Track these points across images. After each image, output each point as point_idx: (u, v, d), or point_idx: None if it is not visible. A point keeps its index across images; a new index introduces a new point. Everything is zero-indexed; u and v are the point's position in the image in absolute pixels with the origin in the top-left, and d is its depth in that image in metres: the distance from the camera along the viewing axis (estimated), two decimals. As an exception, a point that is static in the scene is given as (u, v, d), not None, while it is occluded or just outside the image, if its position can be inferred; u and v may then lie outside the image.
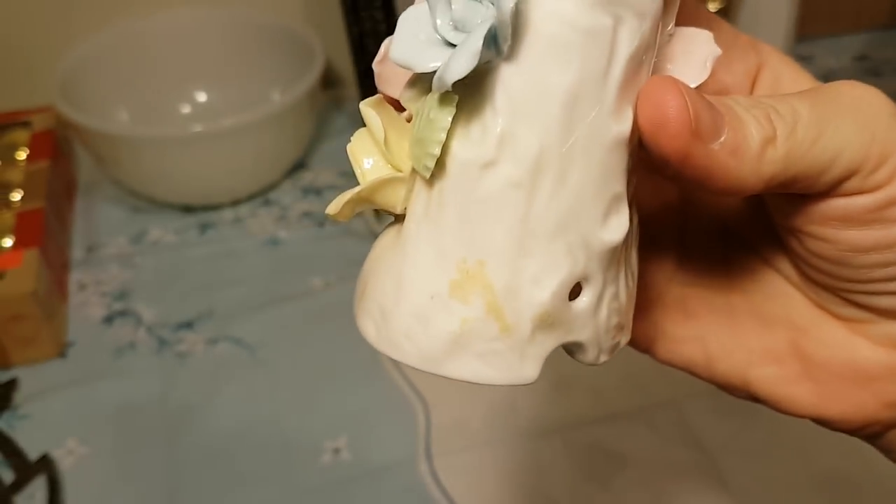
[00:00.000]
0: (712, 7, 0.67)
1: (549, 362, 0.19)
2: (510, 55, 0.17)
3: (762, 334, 0.22)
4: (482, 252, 0.18)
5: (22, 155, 0.65)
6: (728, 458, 0.46)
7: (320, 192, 0.68)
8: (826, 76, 0.78)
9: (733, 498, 0.45)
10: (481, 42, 0.16)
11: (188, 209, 0.67)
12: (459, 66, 0.16)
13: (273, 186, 0.68)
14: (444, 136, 0.17)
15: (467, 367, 0.18)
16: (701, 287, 0.23)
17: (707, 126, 0.17)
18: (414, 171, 0.19)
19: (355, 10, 0.68)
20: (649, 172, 0.20)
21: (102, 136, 0.61)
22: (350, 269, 0.60)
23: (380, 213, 0.62)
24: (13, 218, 0.58)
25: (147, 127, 0.70)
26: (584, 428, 0.49)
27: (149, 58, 0.72)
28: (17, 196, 0.61)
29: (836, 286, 0.20)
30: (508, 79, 0.17)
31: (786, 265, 0.22)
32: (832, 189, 0.18)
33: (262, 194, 0.68)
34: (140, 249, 0.63)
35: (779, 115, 0.18)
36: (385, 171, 0.19)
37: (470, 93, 0.17)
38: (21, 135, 0.67)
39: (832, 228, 0.19)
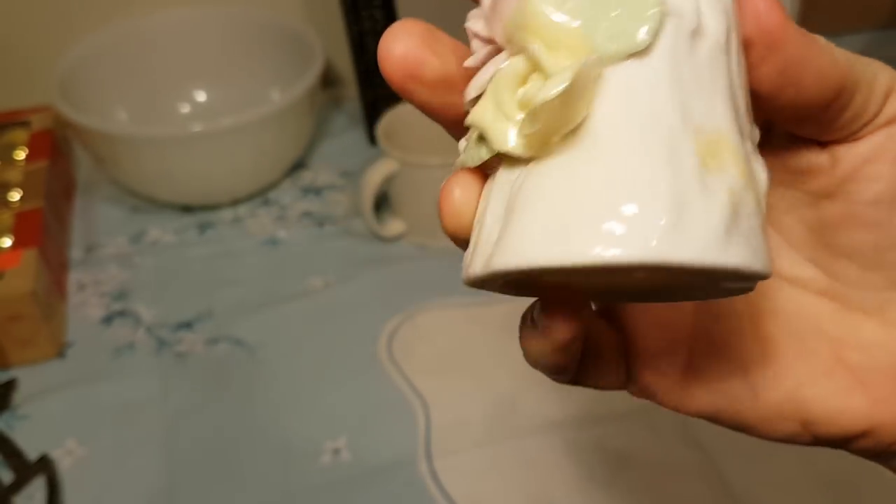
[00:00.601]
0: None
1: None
2: None
3: (802, 355, 0.22)
4: (713, 119, 0.16)
5: (21, 155, 0.65)
6: (729, 458, 0.46)
7: (320, 192, 0.68)
8: (826, 75, 0.78)
9: (734, 499, 0.45)
10: None
11: (187, 209, 0.67)
12: None
13: (272, 186, 0.68)
14: (659, 2, 0.16)
15: (744, 252, 0.16)
16: (725, 319, 0.23)
17: (788, 21, 0.18)
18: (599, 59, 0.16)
19: (355, 9, 0.68)
20: None
21: (101, 135, 0.61)
22: (350, 269, 0.60)
23: (380, 215, 0.62)
24: (12, 218, 0.58)
25: (146, 126, 0.70)
26: (585, 428, 0.48)
27: (148, 57, 0.72)
28: (15, 196, 0.61)
29: (883, 244, 0.20)
30: None
31: (810, 271, 0.22)
32: (875, 115, 0.20)
33: (261, 194, 0.68)
34: (139, 249, 0.63)
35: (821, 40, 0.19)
36: (567, 69, 0.16)
37: None
38: (20, 134, 0.67)
39: (872, 168, 0.20)
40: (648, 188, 0.15)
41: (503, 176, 0.17)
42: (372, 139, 0.71)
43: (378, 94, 0.71)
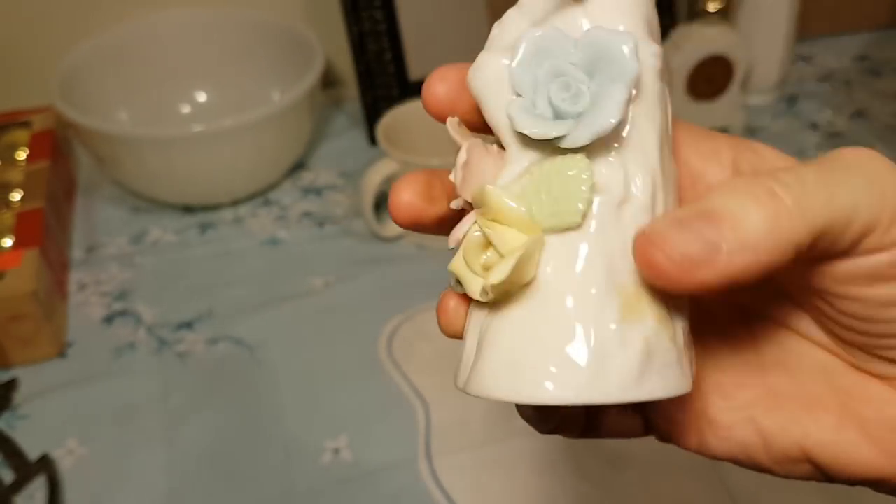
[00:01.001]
0: (713, 6, 0.67)
1: None
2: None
3: (810, 406, 0.22)
4: (634, 274, 0.20)
5: (22, 155, 0.65)
6: (728, 458, 0.47)
7: (320, 192, 0.68)
8: (826, 76, 0.78)
9: (732, 497, 0.45)
10: (626, 95, 0.19)
11: (188, 209, 0.67)
12: (608, 117, 0.19)
13: (273, 186, 0.69)
14: (589, 186, 0.20)
15: (656, 385, 0.20)
16: (734, 370, 0.24)
17: (701, 253, 0.18)
18: (541, 233, 0.20)
19: (355, 10, 0.68)
20: None
21: (102, 136, 0.61)
22: (350, 269, 0.60)
23: (380, 216, 0.62)
24: (13, 218, 0.58)
25: (147, 127, 0.70)
26: (584, 428, 0.49)
27: (149, 58, 0.72)
28: (16, 196, 0.61)
29: (869, 343, 0.21)
30: (625, 129, 0.20)
31: (815, 332, 0.23)
32: (854, 248, 0.19)
33: (261, 194, 0.68)
34: (140, 249, 0.63)
35: (784, 185, 0.18)
36: (514, 252, 0.20)
37: (587, 149, 0.20)
38: (21, 135, 0.67)
39: (860, 287, 0.20)
40: (578, 343, 0.19)
41: (475, 311, 0.22)
42: (372, 140, 0.72)
43: (378, 95, 0.71)
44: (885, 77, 0.78)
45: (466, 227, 0.22)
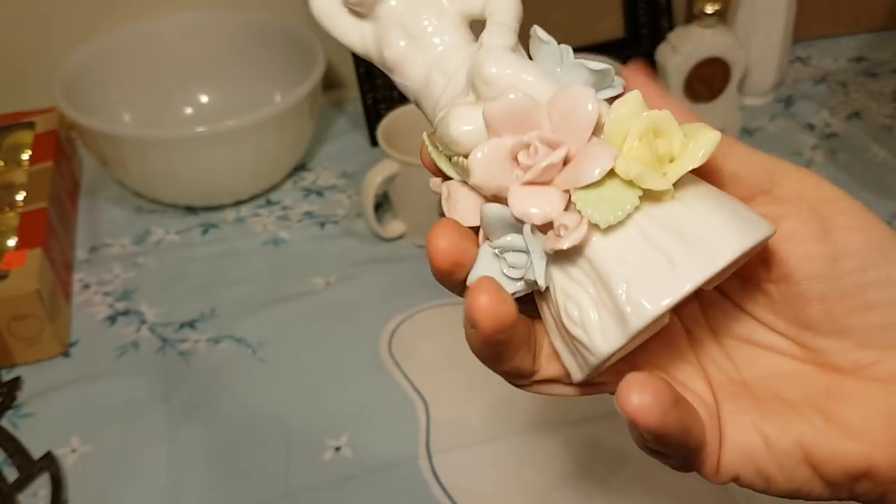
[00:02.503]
0: (710, 8, 0.68)
1: None
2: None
3: (797, 411, 0.24)
4: None
5: (25, 156, 0.66)
6: (725, 455, 0.47)
7: (321, 193, 0.69)
8: (823, 77, 0.79)
9: (731, 497, 0.45)
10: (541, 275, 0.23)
11: (191, 209, 0.67)
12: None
13: (275, 187, 0.69)
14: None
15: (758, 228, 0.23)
16: (724, 386, 0.25)
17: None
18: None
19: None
20: None
21: (105, 137, 0.62)
22: (351, 269, 0.61)
23: (380, 216, 0.62)
24: (17, 218, 0.59)
25: (150, 128, 0.70)
26: (584, 425, 0.49)
27: (151, 60, 0.73)
28: (20, 196, 0.61)
29: (831, 311, 0.23)
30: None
31: (784, 343, 0.25)
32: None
33: (263, 195, 0.68)
34: (143, 249, 0.64)
35: None
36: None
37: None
38: (25, 136, 0.67)
39: (793, 260, 0.23)
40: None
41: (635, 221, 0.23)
42: (373, 141, 0.72)
43: (379, 97, 0.72)
44: (882, 78, 0.78)
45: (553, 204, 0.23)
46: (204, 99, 0.75)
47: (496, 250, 0.24)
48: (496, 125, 0.23)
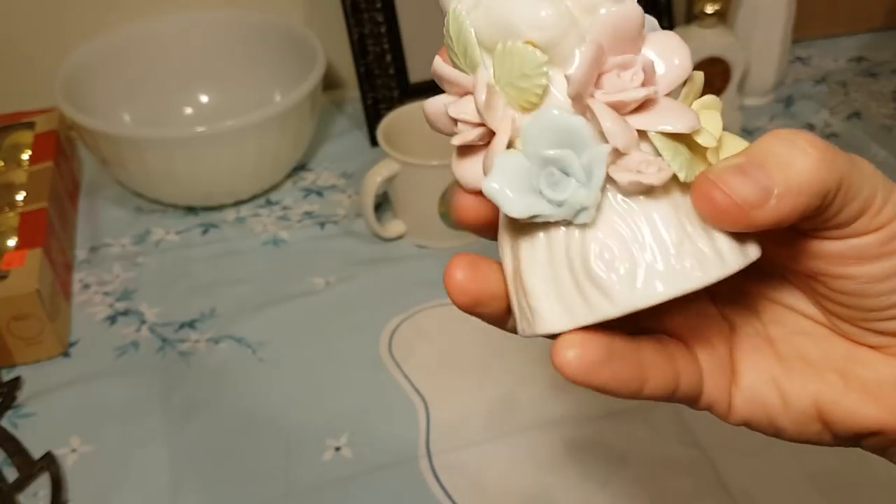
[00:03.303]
0: (710, 8, 0.68)
1: (548, 362, 0.20)
2: None
3: (817, 370, 0.25)
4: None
5: (25, 156, 0.66)
6: (725, 456, 0.47)
7: (321, 193, 0.69)
8: (823, 77, 0.79)
9: (730, 496, 0.45)
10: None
11: (191, 209, 0.67)
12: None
13: (275, 187, 0.69)
14: None
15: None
16: (749, 341, 0.26)
17: (756, 196, 0.21)
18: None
19: (356, 12, 0.69)
20: None
21: (105, 137, 0.62)
22: (350, 269, 0.61)
23: (380, 216, 0.62)
24: (17, 218, 0.59)
25: (150, 128, 0.70)
26: (583, 426, 0.49)
27: (152, 60, 0.73)
28: (20, 196, 0.61)
29: (859, 317, 0.24)
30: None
31: (811, 310, 0.26)
32: (848, 224, 0.22)
33: (263, 195, 0.68)
34: (143, 249, 0.64)
35: (818, 140, 0.22)
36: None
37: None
38: (25, 136, 0.67)
39: (850, 266, 0.23)
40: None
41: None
42: (373, 141, 0.72)
43: (379, 97, 0.72)
44: (882, 78, 0.78)
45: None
46: (204, 99, 0.75)
47: (537, 160, 0.21)
48: (609, 32, 0.21)
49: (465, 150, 0.24)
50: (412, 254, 0.62)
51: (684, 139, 0.22)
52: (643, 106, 0.22)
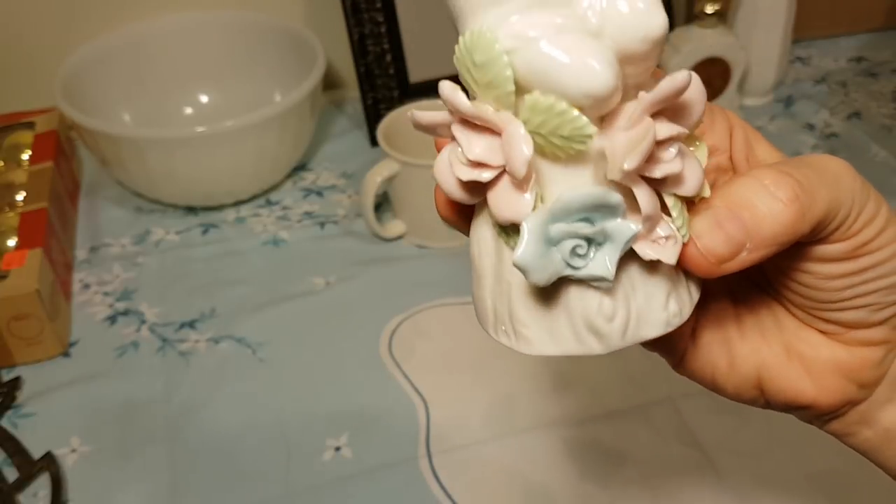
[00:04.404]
0: (710, 8, 0.68)
1: (548, 362, 0.20)
2: None
3: (768, 340, 0.27)
4: None
5: (25, 156, 0.66)
6: (725, 455, 0.47)
7: (321, 193, 0.69)
8: (823, 77, 0.79)
9: (730, 495, 0.45)
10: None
11: (191, 209, 0.67)
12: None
13: (275, 187, 0.69)
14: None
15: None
16: (715, 304, 0.28)
17: (730, 253, 0.23)
18: None
19: (356, 12, 0.69)
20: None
21: (105, 137, 0.62)
22: (350, 269, 0.61)
23: (380, 216, 0.62)
24: (17, 218, 0.59)
25: (150, 128, 0.70)
26: (582, 426, 0.49)
27: (152, 60, 0.73)
28: (20, 196, 0.61)
29: (811, 306, 0.26)
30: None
31: (777, 294, 0.27)
32: (826, 238, 0.24)
33: (263, 195, 0.69)
34: (143, 249, 0.64)
35: (802, 187, 0.23)
36: None
37: None
38: (25, 136, 0.67)
39: (818, 264, 0.24)
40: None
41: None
42: (373, 141, 0.72)
43: (379, 97, 0.72)
44: (881, 78, 0.78)
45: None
46: (204, 99, 0.75)
47: (567, 232, 0.21)
48: (662, 98, 0.20)
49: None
50: (412, 254, 0.62)
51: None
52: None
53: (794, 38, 0.76)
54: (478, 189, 0.23)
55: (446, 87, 0.22)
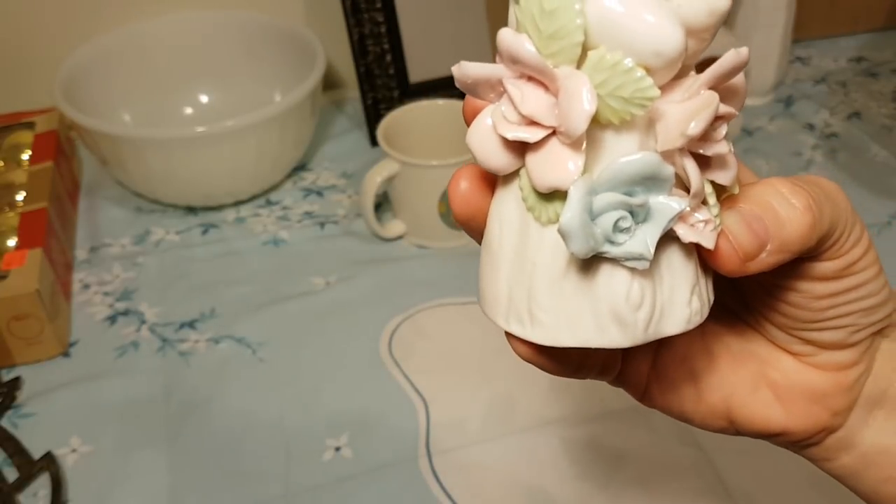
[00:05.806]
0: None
1: None
2: None
3: (736, 369, 0.27)
4: None
5: (25, 156, 0.66)
6: (724, 456, 0.47)
7: (321, 193, 0.69)
8: (823, 77, 0.79)
9: (730, 496, 0.45)
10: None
11: (190, 209, 0.67)
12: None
13: (275, 187, 0.69)
14: None
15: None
16: (685, 338, 0.27)
17: (754, 250, 0.23)
18: None
19: (356, 12, 0.69)
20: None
21: (105, 137, 0.62)
22: (350, 268, 0.61)
23: (380, 216, 0.62)
24: (17, 218, 0.59)
25: (150, 128, 0.70)
26: (582, 426, 0.49)
27: (151, 59, 0.73)
28: (20, 196, 0.61)
29: (791, 325, 0.26)
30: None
31: (750, 315, 0.27)
32: (822, 254, 0.24)
33: (263, 195, 0.69)
34: (143, 249, 0.64)
35: (815, 199, 0.23)
36: None
37: None
38: (25, 136, 0.67)
39: (807, 282, 0.25)
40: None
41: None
42: (373, 141, 0.72)
43: (379, 97, 0.72)
44: (881, 78, 0.78)
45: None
46: (204, 99, 0.75)
47: (614, 202, 0.20)
48: (725, 71, 0.20)
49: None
50: (412, 254, 0.62)
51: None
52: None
53: (794, 38, 0.76)
54: (518, 154, 0.21)
55: (508, 34, 0.20)
